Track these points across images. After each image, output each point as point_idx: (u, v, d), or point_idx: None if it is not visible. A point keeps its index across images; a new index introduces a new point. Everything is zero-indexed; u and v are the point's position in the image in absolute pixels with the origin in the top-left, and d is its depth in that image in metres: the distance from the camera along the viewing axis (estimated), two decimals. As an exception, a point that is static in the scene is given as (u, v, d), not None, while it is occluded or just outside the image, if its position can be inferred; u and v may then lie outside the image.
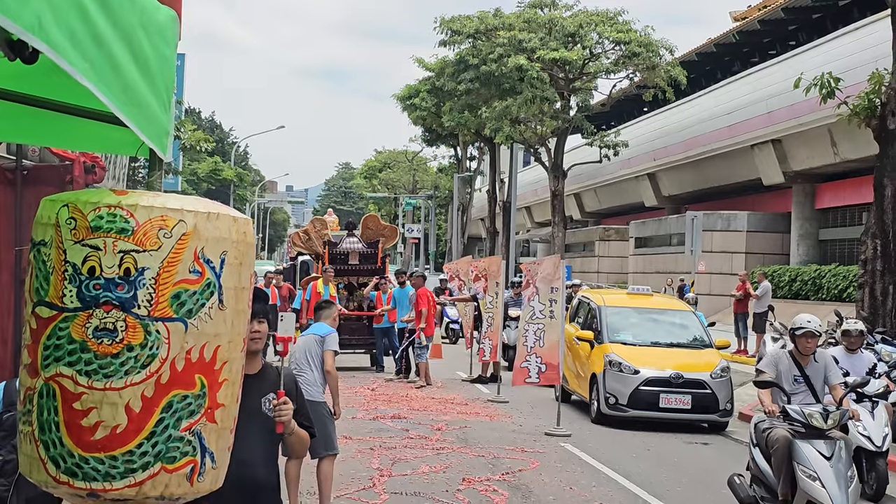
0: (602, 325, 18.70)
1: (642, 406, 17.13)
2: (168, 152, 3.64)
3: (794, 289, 39.62)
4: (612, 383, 17.39)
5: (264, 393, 5.35)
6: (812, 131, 38.51)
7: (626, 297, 20.46)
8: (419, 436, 15.49)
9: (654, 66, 45.06)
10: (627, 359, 17.56)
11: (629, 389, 17.18)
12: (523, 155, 64.02)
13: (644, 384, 17.15)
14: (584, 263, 60.05)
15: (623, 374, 17.31)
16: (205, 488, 3.54)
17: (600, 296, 20.43)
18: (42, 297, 3.38)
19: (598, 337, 18.51)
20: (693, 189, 52.58)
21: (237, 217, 3.57)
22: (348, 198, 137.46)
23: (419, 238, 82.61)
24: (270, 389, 5.38)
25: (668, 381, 17.11)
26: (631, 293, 20.98)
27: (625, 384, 17.26)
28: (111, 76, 2.90)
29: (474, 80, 47.40)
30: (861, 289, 19.87)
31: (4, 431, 6.05)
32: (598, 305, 19.40)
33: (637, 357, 17.70)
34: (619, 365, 17.42)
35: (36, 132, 4.95)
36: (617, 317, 19.16)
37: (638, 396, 17.13)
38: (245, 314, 3.65)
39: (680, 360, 17.69)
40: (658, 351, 18.20)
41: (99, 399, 3.30)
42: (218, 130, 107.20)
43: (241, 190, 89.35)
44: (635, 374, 17.24)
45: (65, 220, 3.34)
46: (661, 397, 17.09)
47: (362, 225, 26.50)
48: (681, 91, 46.93)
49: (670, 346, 18.53)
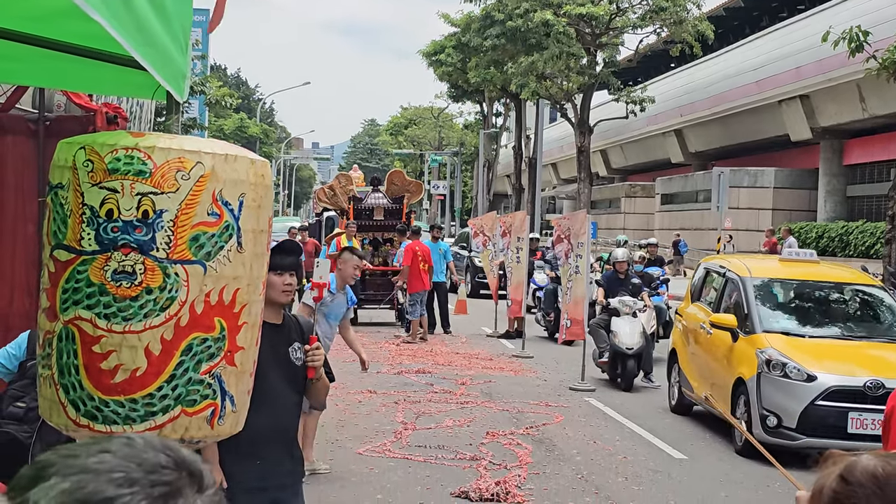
0: (749, 306, 13.00)
1: (821, 430, 11.52)
2: (185, 95, 3.61)
3: (821, 245, 39.40)
4: (771, 394, 11.88)
5: (290, 342, 5.40)
6: (840, 87, 38.16)
7: (780, 266, 14.61)
8: (443, 390, 15.50)
9: (681, 20, 44.62)
10: (796, 358, 11.97)
11: (801, 405, 11.66)
12: (549, 111, 63.68)
13: (824, 397, 11.61)
14: (610, 220, 59.91)
15: (790, 382, 11.78)
16: (225, 431, 3.53)
17: (741, 263, 14.33)
18: (60, 240, 3.37)
19: (744, 324, 12.84)
20: (720, 145, 52.27)
21: (255, 159, 3.54)
22: (374, 154, 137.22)
23: (445, 195, 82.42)
24: (295, 339, 5.42)
25: (862, 394, 11.51)
26: (786, 259, 14.99)
27: (793, 396, 11.74)
28: (124, 14, 2.86)
29: (500, 35, 47.10)
30: (888, 244, 19.76)
31: (28, 379, 6.09)
32: (739, 277, 13.58)
33: (810, 355, 12.13)
34: (784, 367, 11.84)
35: (55, 75, 4.95)
36: (771, 294, 13.77)
37: (814, 416, 11.61)
38: (264, 257, 3.63)
39: (876, 361, 12.19)
40: (840, 346, 12.77)
41: (118, 342, 3.29)
42: (244, 87, 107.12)
43: (266, 147, 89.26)
44: (809, 381, 11.72)
45: (82, 162, 3.32)
46: (850, 418, 11.48)
47: (387, 181, 26.47)
48: (708, 46, 46.53)
49: (857, 338, 13.01)
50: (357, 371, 12.00)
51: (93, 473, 1.26)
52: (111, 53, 4.31)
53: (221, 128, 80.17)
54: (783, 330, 12.75)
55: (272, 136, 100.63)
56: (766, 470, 10.87)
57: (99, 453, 1.30)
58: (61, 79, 5.19)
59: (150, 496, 1.26)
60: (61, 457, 1.30)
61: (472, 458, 11.16)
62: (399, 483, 10.26)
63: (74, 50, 4.40)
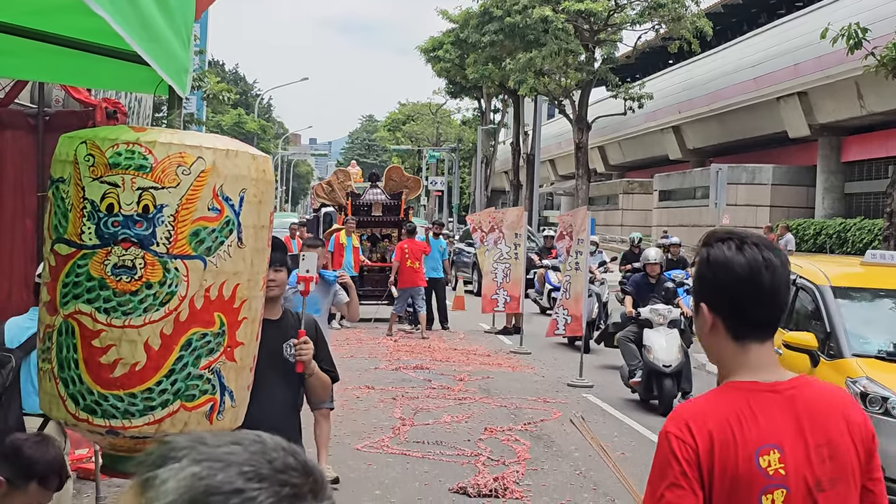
0: (833, 322, 10.42)
1: None
2: (187, 90, 3.60)
3: (818, 242, 39.41)
4: None
5: (286, 338, 5.38)
6: (838, 84, 38.15)
7: (865, 272, 11.62)
8: (441, 386, 15.52)
9: (679, 17, 44.60)
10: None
11: None
12: (547, 107, 63.74)
13: None
14: (608, 216, 59.90)
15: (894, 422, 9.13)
16: (224, 427, 3.53)
17: (815, 268, 11.38)
18: (61, 234, 3.37)
19: (826, 345, 10.31)
20: (718, 142, 52.25)
21: (256, 155, 3.54)
22: (372, 150, 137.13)
23: (442, 191, 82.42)
24: (292, 335, 5.41)
25: None
26: (870, 263, 11.71)
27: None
28: (128, 9, 2.86)
29: (498, 31, 47.07)
30: (886, 241, 19.75)
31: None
32: (815, 286, 10.90)
33: None
34: (885, 402, 9.33)
35: (56, 70, 4.96)
36: (860, 308, 10.94)
37: None
38: (264, 252, 3.63)
39: None
40: None
41: (118, 336, 3.29)
42: (242, 83, 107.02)
43: (264, 142, 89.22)
44: None
45: (83, 156, 3.33)
46: None
47: (385, 177, 26.45)
48: (706, 43, 46.51)
49: None
50: (354, 367, 12.05)
51: (223, 463, 1.27)
52: (113, 48, 4.32)
53: (219, 123, 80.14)
54: (878, 353, 10.13)
55: (270, 132, 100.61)
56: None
57: (231, 444, 1.30)
58: (62, 73, 5.20)
59: (278, 495, 1.26)
60: (192, 441, 1.31)
61: (470, 454, 11.18)
62: (397, 479, 10.28)
63: (75, 44, 4.40)
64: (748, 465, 2.60)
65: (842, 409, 2.74)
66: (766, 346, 2.77)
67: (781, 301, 2.76)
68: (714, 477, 2.61)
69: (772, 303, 2.74)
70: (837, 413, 2.72)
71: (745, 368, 2.74)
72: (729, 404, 2.68)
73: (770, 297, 2.72)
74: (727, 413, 2.66)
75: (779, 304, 2.76)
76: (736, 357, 2.75)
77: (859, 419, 2.76)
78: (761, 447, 2.62)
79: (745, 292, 2.70)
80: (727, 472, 2.60)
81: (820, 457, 2.65)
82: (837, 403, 2.76)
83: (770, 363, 2.77)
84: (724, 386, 2.75)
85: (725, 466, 2.60)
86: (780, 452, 2.62)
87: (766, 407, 2.67)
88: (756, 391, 2.69)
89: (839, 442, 2.69)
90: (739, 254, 2.70)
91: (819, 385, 2.82)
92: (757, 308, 2.73)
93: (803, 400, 2.70)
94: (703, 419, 2.66)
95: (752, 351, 2.75)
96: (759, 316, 2.74)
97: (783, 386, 2.71)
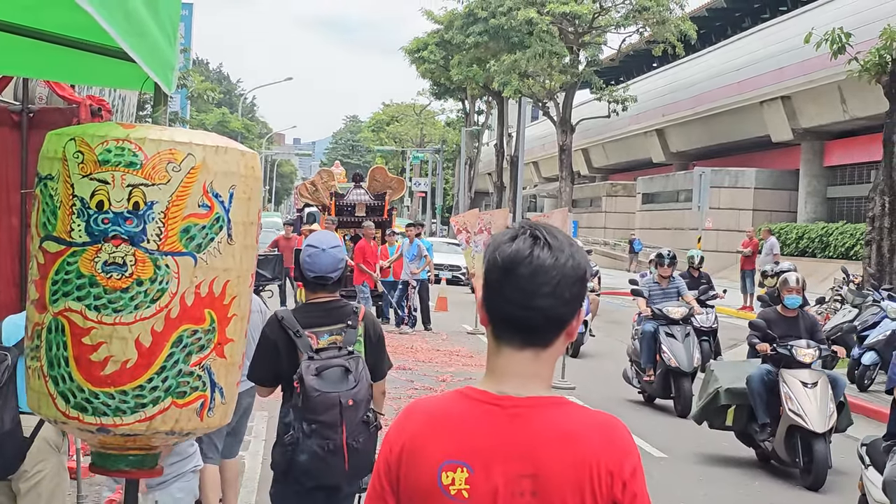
0: None
1: None
2: (173, 87, 3.60)
3: (801, 246, 39.58)
4: None
5: None
6: (821, 88, 38.35)
7: None
8: (424, 387, 15.52)
9: (664, 20, 44.79)
10: None
11: None
12: (531, 109, 63.77)
13: None
14: (591, 219, 60.05)
15: None
16: (214, 423, 3.53)
17: None
18: (49, 231, 3.36)
19: None
20: (701, 145, 52.44)
21: (245, 151, 3.54)
22: (356, 151, 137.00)
23: (426, 192, 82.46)
24: None
25: None
26: None
27: None
28: (114, 5, 2.85)
29: (483, 33, 47.20)
30: (868, 245, 19.86)
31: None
32: None
33: None
34: None
35: (40, 66, 4.94)
36: None
37: None
38: (253, 249, 3.63)
39: None
40: None
41: (108, 334, 3.29)
42: (226, 82, 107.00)
43: (248, 142, 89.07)
44: None
45: (72, 153, 3.31)
46: None
47: (369, 177, 26.43)
48: (690, 46, 46.70)
49: None
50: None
51: None
52: (99, 44, 4.31)
53: (203, 122, 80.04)
54: None
55: (254, 132, 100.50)
56: (745, 469, 10.92)
57: None
58: (48, 69, 5.18)
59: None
60: None
61: (453, 455, 11.17)
62: (380, 479, 10.26)
63: (60, 40, 4.39)
64: (430, 478, 2.37)
65: (587, 449, 2.35)
66: (523, 354, 2.41)
67: (543, 306, 2.36)
68: (401, 487, 2.44)
69: (525, 304, 2.36)
70: (575, 450, 2.34)
71: (490, 374, 2.45)
72: (441, 410, 2.44)
73: (523, 296, 2.36)
74: (431, 420, 2.43)
75: (538, 309, 2.36)
76: (490, 358, 2.46)
77: (614, 469, 2.35)
78: (447, 462, 2.36)
79: (495, 282, 2.40)
80: (410, 482, 2.42)
81: (518, 488, 2.33)
82: (583, 441, 2.36)
83: (520, 375, 2.41)
84: (457, 391, 2.48)
85: (409, 477, 2.41)
86: (470, 472, 2.35)
87: (474, 420, 2.39)
88: (479, 402, 2.40)
89: (555, 481, 2.33)
90: (510, 242, 2.40)
91: (571, 415, 2.41)
92: (503, 304, 2.39)
93: (529, 423, 2.36)
94: (409, 422, 2.46)
95: (504, 356, 2.42)
96: (507, 314, 2.39)
97: (511, 402, 2.38)
